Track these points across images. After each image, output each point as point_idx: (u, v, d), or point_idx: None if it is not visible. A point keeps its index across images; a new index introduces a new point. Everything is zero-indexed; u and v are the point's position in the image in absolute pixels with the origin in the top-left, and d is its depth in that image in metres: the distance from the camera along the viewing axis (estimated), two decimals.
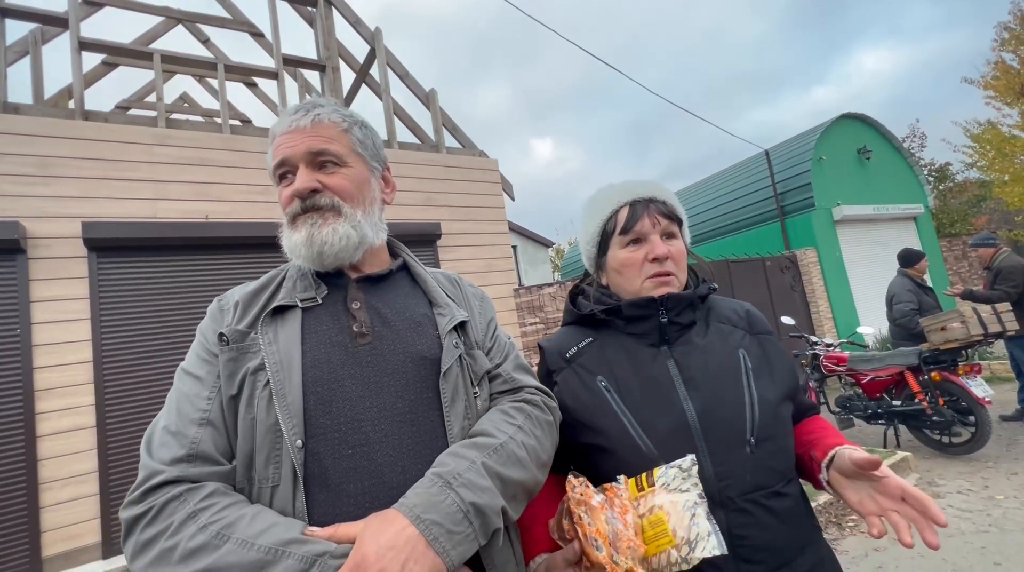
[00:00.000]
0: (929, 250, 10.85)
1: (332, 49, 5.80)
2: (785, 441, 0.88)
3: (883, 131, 11.14)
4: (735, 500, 0.80)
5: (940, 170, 15.30)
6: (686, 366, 0.90)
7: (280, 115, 0.88)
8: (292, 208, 0.83)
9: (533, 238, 18.12)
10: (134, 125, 4.24)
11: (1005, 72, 11.76)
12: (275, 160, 0.84)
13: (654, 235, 0.95)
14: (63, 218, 3.71)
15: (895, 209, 10.66)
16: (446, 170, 5.89)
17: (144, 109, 7.31)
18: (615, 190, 1.02)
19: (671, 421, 0.85)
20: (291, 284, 0.84)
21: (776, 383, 0.90)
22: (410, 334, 0.82)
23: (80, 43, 4.23)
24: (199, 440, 0.69)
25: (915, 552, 2.67)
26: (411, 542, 0.60)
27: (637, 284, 0.96)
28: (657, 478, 0.76)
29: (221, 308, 0.83)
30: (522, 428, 0.79)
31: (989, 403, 3.74)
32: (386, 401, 0.75)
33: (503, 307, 5.99)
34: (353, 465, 0.71)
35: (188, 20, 5.92)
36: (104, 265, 3.81)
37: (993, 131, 11.94)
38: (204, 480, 0.67)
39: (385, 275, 0.90)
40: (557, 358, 1.00)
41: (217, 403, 0.72)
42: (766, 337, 0.97)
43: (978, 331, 3.76)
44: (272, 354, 0.73)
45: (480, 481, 0.68)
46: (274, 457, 0.69)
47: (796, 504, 0.85)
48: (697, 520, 0.70)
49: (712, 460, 0.81)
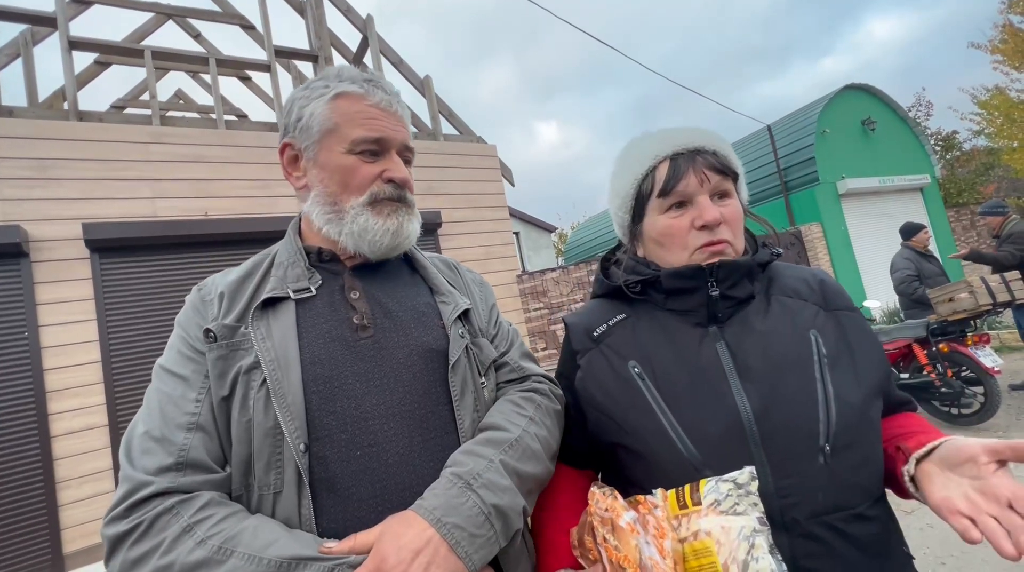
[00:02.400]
0: (936, 220, 10.72)
1: (324, 39, 5.72)
2: (872, 450, 0.69)
3: (888, 101, 10.92)
4: (802, 523, 0.64)
5: (947, 139, 15.05)
6: (741, 351, 0.73)
7: (355, 74, 0.80)
8: (384, 191, 0.78)
9: (535, 223, 18.04)
10: (129, 124, 4.22)
11: (1013, 35, 11.46)
12: (372, 134, 0.77)
13: (702, 196, 0.76)
14: (63, 220, 3.72)
15: (901, 180, 10.50)
16: (444, 158, 5.84)
17: (140, 107, 7.28)
18: (652, 140, 0.82)
19: (721, 421, 0.69)
20: (281, 272, 0.77)
21: (860, 375, 0.71)
22: (414, 325, 0.78)
23: (70, 42, 4.19)
24: (188, 446, 0.63)
25: (924, 523, 2.68)
26: (432, 545, 0.58)
27: (684, 257, 0.78)
28: (705, 494, 0.61)
29: (203, 299, 0.75)
30: (534, 420, 0.77)
31: (998, 373, 3.71)
32: (393, 398, 0.71)
33: (506, 293, 5.98)
34: (362, 467, 0.67)
35: (178, 15, 5.85)
36: (107, 265, 3.82)
37: (1001, 97, 11.69)
38: (197, 490, 0.61)
39: (383, 262, 0.84)
40: (583, 337, 0.85)
41: (207, 405, 0.66)
42: (847, 314, 0.77)
43: (986, 301, 3.71)
44: (267, 351, 0.68)
45: (501, 481, 0.66)
46: (275, 462, 0.65)
47: (884, 530, 0.68)
48: (756, 554, 0.55)
49: (773, 472, 0.65)
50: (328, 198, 0.78)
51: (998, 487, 0.56)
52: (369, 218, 0.77)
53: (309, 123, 0.77)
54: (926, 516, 2.73)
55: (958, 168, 14.92)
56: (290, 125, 0.80)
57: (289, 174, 0.82)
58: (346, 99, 0.77)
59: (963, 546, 2.40)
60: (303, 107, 0.78)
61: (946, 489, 0.60)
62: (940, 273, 4.60)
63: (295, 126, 0.79)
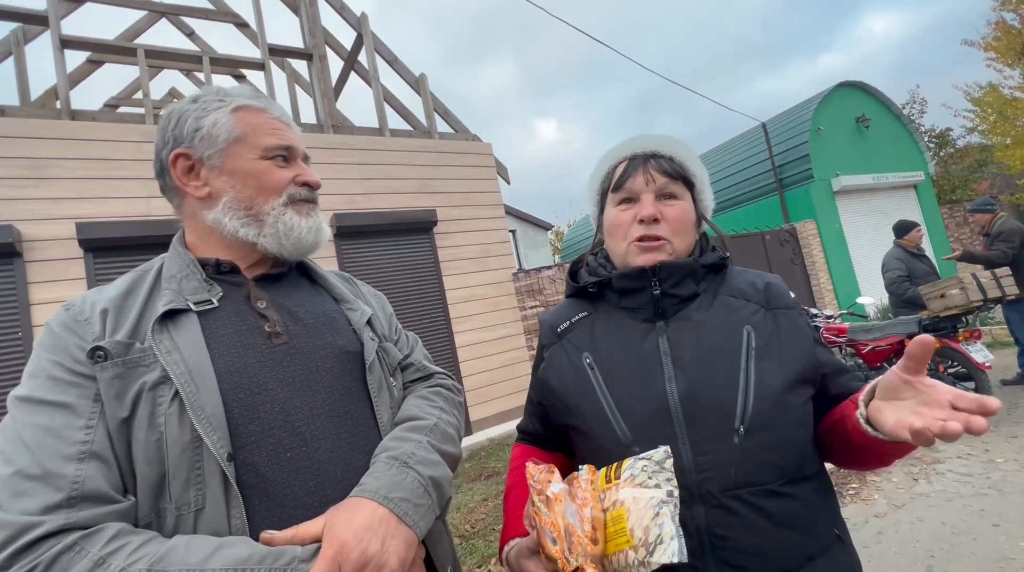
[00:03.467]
0: (930, 217, 10.78)
1: (318, 37, 5.71)
2: (789, 433, 0.75)
3: (882, 98, 10.97)
4: (716, 496, 0.71)
5: (940, 136, 15.09)
6: (677, 343, 0.80)
7: (248, 91, 0.85)
8: (300, 193, 0.83)
9: (532, 221, 18.05)
10: (122, 123, 4.20)
11: (1006, 32, 11.51)
12: (283, 142, 0.82)
13: (647, 194, 0.85)
14: (57, 220, 3.71)
15: (895, 177, 10.56)
16: (439, 156, 5.84)
17: (133, 106, 7.24)
18: (621, 145, 0.93)
19: (650, 403, 0.77)
20: (175, 285, 0.74)
21: (784, 364, 0.77)
22: (326, 330, 0.81)
23: (62, 41, 4.17)
24: (83, 478, 0.57)
25: (914, 517, 2.71)
26: (384, 520, 0.63)
27: (623, 247, 0.87)
28: (624, 470, 0.69)
29: (76, 318, 0.68)
30: (444, 409, 0.87)
31: (989, 368, 3.74)
32: (317, 399, 0.74)
33: (502, 292, 6.00)
34: (295, 467, 0.69)
35: (171, 13, 5.83)
36: (101, 265, 3.82)
37: (994, 94, 11.74)
38: (99, 523, 0.56)
39: (283, 274, 0.87)
40: (549, 332, 0.94)
41: (101, 431, 0.61)
42: (785, 313, 0.83)
43: (977, 297, 3.74)
44: (176, 364, 0.65)
45: (432, 456, 0.74)
46: (195, 477, 0.62)
47: (804, 508, 0.74)
48: (661, 521, 0.63)
49: (693, 449, 0.73)
50: (243, 202, 0.79)
51: (938, 395, 0.61)
52: (293, 217, 0.81)
53: (213, 132, 0.78)
54: (916, 510, 2.76)
55: (952, 165, 14.97)
56: (182, 136, 0.78)
57: (184, 184, 0.79)
58: (248, 111, 0.81)
59: (953, 539, 2.44)
60: (200, 118, 0.78)
61: (896, 414, 0.64)
62: (931, 272, 4.65)
63: (191, 136, 0.78)
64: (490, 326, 5.83)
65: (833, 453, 0.83)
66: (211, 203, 0.79)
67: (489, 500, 3.50)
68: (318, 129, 5.40)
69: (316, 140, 5.14)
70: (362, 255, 5.17)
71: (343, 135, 5.43)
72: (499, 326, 5.90)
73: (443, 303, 5.54)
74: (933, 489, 2.98)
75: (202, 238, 0.81)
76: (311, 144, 5.02)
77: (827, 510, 0.78)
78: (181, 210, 0.83)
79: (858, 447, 0.74)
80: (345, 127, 5.71)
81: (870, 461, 0.78)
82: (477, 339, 5.70)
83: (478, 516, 3.28)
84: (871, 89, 10.84)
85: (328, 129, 5.42)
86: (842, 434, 0.76)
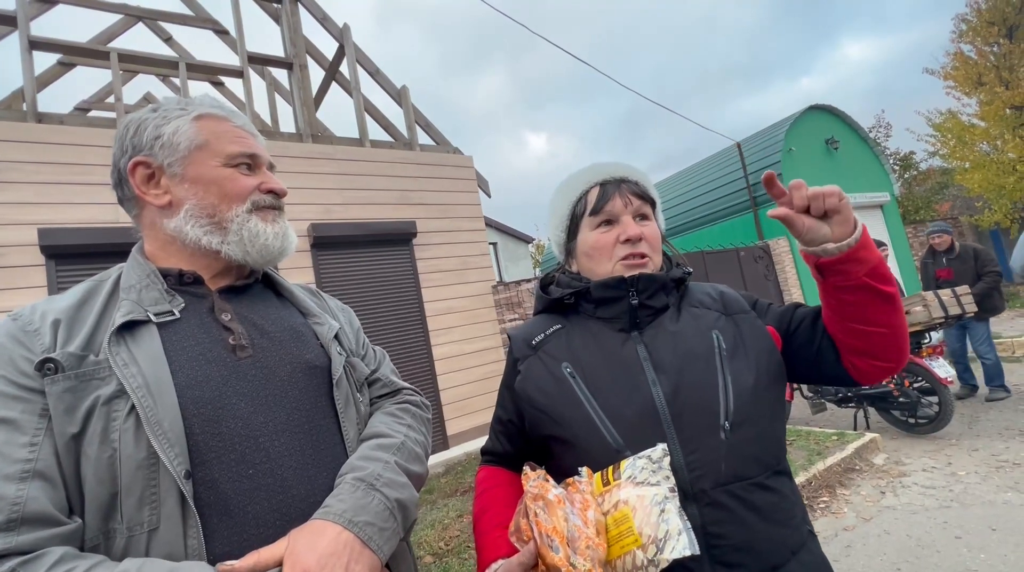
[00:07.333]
0: (896, 236, 11.18)
1: (299, 46, 5.68)
2: (769, 426, 0.80)
3: (849, 122, 11.41)
4: (708, 493, 0.73)
5: (904, 159, 15.74)
6: (655, 349, 0.84)
7: (209, 100, 0.83)
8: (264, 200, 0.82)
9: (513, 234, 18.12)
10: (91, 126, 4.09)
11: (963, 63, 12.13)
12: (248, 150, 0.81)
13: (626, 216, 0.90)
14: (17, 225, 3.57)
15: (862, 198, 10.95)
16: (420, 167, 5.84)
17: (105, 110, 7.07)
18: (585, 171, 0.97)
19: (638, 407, 0.79)
20: (135, 296, 0.71)
21: (752, 364, 0.83)
22: (293, 344, 0.79)
23: (31, 42, 4.06)
24: (24, 499, 0.54)
25: (881, 530, 2.76)
26: (349, 545, 0.61)
27: (608, 267, 0.90)
28: (623, 470, 0.69)
29: (24, 329, 0.65)
30: (412, 427, 0.86)
31: (951, 383, 3.88)
32: (280, 414, 0.72)
33: (482, 304, 5.98)
34: (256, 484, 0.66)
35: (148, 18, 5.73)
36: (64, 273, 3.68)
37: (954, 120, 12.31)
38: (42, 547, 0.53)
39: (248, 286, 0.85)
40: (522, 345, 0.95)
41: (48, 448, 0.58)
42: (742, 317, 0.90)
43: (939, 314, 3.88)
44: (133, 377, 0.62)
45: (399, 478, 0.73)
46: (149, 496, 0.60)
47: (785, 501, 0.78)
48: (667, 517, 0.63)
49: (683, 448, 0.75)
50: (206, 210, 0.77)
51: (798, 190, 0.81)
52: (258, 223, 0.80)
53: (174, 140, 0.76)
54: (884, 523, 2.82)
55: (915, 186, 15.62)
56: (142, 144, 0.77)
57: (144, 193, 0.77)
58: (210, 119, 0.80)
59: (918, 551, 2.49)
60: (160, 126, 0.77)
61: (801, 220, 0.80)
62: None
63: (151, 144, 0.76)
64: (469, 339, 5.79)
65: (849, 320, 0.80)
66: (172, 211, 0.77)
67: (464, 516, 3.44)
68: (297, 138, 5.35)
69: (295, 149, 5.09)
70: (340, 266, 5.10)
71: (322, 145, 5.38)
72: (478, 339, 5.87)
73: (421, 315, 5.49)
74: (899, 502, 3.05)
75: (162, 248, 0.79)
76: (290, 153, 4.99)
77: (800, 505, 0.83)
78: (140, 220, 0.81)
79: (836, 290, 0.77)
80: (325, 137, 5.67)
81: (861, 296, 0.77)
82: (456, 352, 5.66)
83: (452, 533, 3.22)
84: (839, 112, 11.28)
85: (307, 138, 5.37)
86: (832, 304, 0.80)
